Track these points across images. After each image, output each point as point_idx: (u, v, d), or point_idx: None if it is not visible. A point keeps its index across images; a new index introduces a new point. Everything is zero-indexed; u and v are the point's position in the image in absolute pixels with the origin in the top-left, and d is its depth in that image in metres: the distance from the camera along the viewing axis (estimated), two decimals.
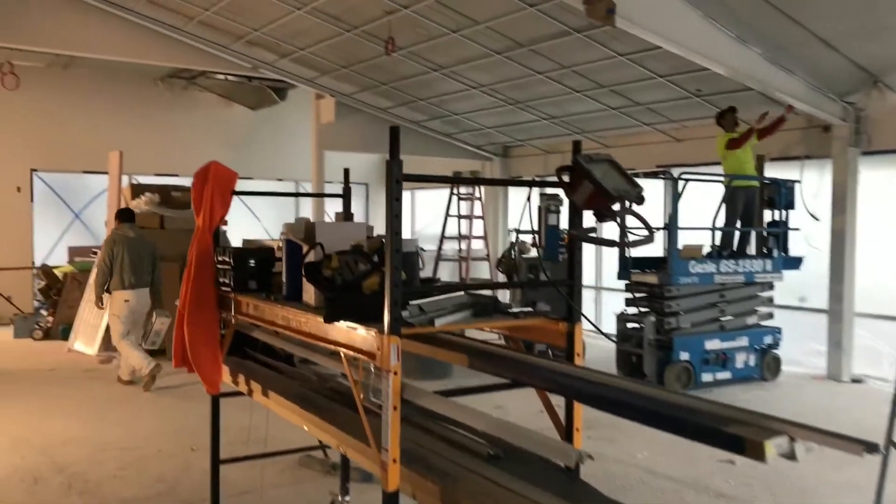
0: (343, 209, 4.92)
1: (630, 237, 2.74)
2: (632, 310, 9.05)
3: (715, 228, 8.97)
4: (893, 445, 4.23)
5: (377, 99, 13.09)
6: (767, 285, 9.17)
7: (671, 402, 2.25)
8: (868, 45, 8.12)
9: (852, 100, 9.04)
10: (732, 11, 7.63)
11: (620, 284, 9.28)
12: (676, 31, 7.56)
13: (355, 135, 12.90)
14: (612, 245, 2.86)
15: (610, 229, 3.04)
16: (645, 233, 2.76)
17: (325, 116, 13.10)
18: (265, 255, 4.15)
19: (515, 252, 9.97)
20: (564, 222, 3.61)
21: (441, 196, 13.79)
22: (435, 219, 13.35)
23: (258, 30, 10.88)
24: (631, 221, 2.76)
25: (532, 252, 10.13)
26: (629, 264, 8.82)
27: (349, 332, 2.94)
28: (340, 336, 3.02)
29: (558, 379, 2.63)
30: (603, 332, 3.16)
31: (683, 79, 9.58)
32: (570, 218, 2.99)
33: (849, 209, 9.20)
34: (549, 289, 3.15)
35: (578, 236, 3.01)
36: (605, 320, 11.79)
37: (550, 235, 9.52)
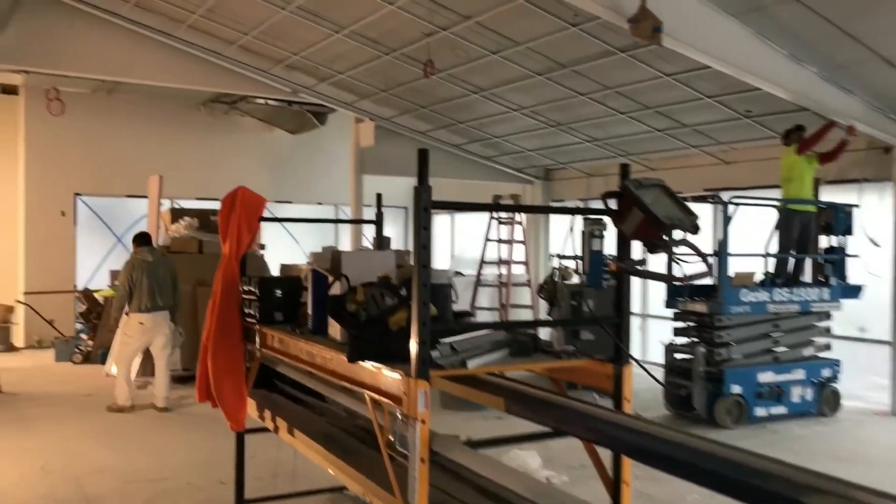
0: (376, 235, 4.73)
1: (684, 270, 2.47)
2: (680, 340, 8.69)
3: (768, 255, 8.66)
4: None
5: (416, 122, 12.98)
6: (824, 315, 8.77)
7: (735, 462, 1.99)
8: None
9: None
10: (785, 28, 7.31)
11: (668, 312, 8.94)
12: (726, 50, 7.34)
13: (394, 158, 12.74)
14: (665, 280, 2.58)
15: (659, 260, 2.77)
16: (701, 266, 2.49)
17: (365, 140, 13.02)
18: (292, 286, 3.95)
19: (558, 278, 9.68)
20: (609, 247, 3.35)
21: (482, 218, 13.53)
22: (476, 241, 13.09)
23: (297, 54, 10.86)
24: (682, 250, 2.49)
25: (575, 278, 9.83)
26: (678, 292, 8.49)
27: (375, 373, 2.70)
28: (366, 377, 2.78)
29: (606, 430, 2.36)
30: (653, 376, 2.87)
31: (732, 99, 9.25)
32: (618, 248, 2.72)
33: None
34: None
35: (626, 269, 2.73)
36: (652, 350, 11.40)
37: (594, 261, 9.20)
